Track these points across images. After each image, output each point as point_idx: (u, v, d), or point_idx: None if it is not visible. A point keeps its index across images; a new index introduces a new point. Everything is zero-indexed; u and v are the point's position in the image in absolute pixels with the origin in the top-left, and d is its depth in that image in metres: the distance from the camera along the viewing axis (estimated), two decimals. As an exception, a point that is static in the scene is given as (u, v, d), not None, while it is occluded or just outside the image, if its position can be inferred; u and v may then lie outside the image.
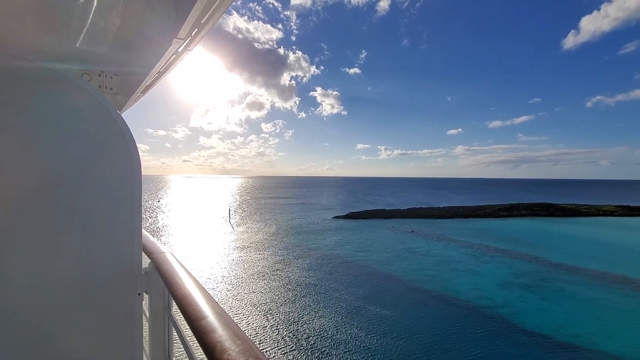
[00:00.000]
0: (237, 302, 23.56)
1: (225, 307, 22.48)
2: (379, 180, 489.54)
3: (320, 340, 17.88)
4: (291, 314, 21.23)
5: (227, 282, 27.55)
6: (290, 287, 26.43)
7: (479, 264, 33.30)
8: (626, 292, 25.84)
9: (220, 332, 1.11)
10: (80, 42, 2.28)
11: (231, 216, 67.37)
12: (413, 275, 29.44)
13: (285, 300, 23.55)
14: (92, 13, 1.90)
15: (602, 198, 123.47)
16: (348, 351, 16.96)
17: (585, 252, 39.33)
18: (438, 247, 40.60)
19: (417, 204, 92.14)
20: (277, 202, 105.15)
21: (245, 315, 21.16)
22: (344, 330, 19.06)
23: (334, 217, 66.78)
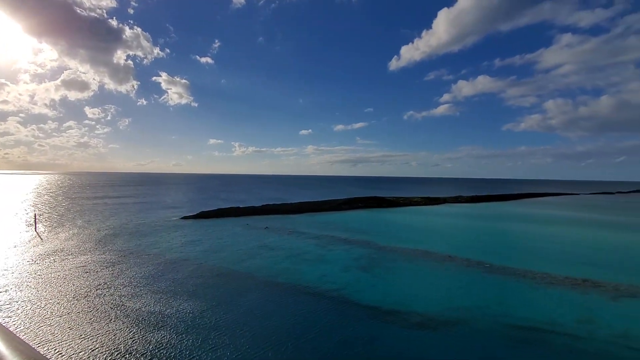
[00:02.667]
0: (47, 327, 18.12)
1: (30, 335, 17.05)
2: (233, 177, 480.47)
3: (161, 356, 15.58)
4: (120, 332, 17.72)
5: (28, 307, 20.79)
6: (121, 301, 22.17)
7: (325, 253, 36.66)
8: (428, 263, 33.49)
9: None
10: None
11: (37, 222, 52.06)
12: (267, 270, 29.75)
13: (113, 317, 19.51)
14: None
15: (413, 191, 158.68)
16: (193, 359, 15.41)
17: (402, 234, 49.14)
18: (290, 241, 42.60)
19: (270, 201, 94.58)
20: (107, 202, 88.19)
21: (58, 343, 16.36)
22: (189, 338, 17.24)
23: (182, 218, 60.91)
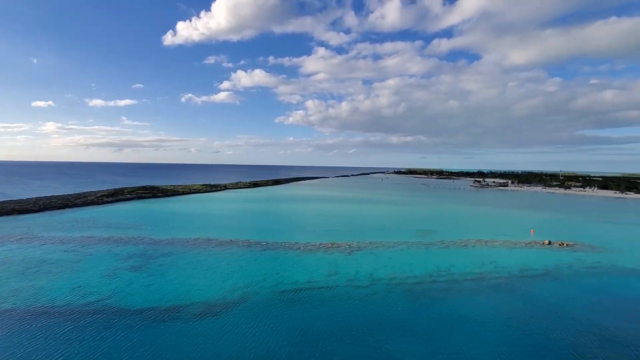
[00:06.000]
0: None
1: None
2: None
3: None
4: None
5: None
6: None
7: (80, 259, 29.18)
8: (210, 250, 33.21)
9: None
10: None
11: None
12: (-25, 300, 20.32)
13: None
14: None
15: (192, 179, 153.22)
16: None
17: (182, 224, 46.33)
18: (22, 251, 31.06)
19: (-19, 198, 65.65)
20: None
21: None
22: None
23: None
